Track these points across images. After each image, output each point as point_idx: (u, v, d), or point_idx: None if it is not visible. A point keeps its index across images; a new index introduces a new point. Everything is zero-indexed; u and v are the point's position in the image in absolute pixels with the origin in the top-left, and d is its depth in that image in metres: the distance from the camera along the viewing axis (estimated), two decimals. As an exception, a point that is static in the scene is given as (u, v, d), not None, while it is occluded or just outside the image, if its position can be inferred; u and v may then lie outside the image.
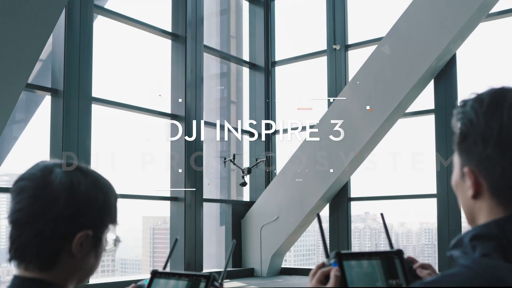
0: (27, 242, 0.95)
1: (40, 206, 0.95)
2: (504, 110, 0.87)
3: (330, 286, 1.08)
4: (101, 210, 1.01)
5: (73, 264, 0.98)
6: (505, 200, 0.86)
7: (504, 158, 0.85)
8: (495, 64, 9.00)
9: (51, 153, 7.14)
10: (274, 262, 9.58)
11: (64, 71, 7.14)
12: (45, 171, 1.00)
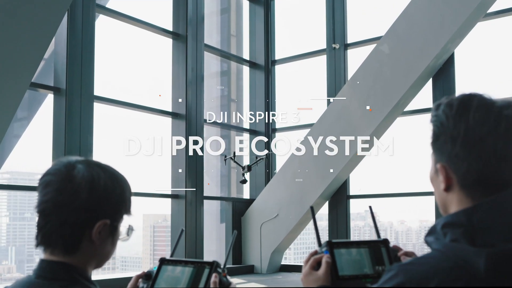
0: (52, 230, 1.08)
1: (64, 198, 1.06)
2: (470, 114, 0.98)
3: (322, 272, 1.19)
4: (118, 201, 1.12)
5: (92, 250, 1.09)
6: (471, 193, 0.98)
7: (470, 156, 0.97)
8: (493, 63, 9.08)
9: (54, 151, 7.21)
10: (274, 259, 9.66)
11: (67, 70, 7.21)
12: (68, 167, 1.10)
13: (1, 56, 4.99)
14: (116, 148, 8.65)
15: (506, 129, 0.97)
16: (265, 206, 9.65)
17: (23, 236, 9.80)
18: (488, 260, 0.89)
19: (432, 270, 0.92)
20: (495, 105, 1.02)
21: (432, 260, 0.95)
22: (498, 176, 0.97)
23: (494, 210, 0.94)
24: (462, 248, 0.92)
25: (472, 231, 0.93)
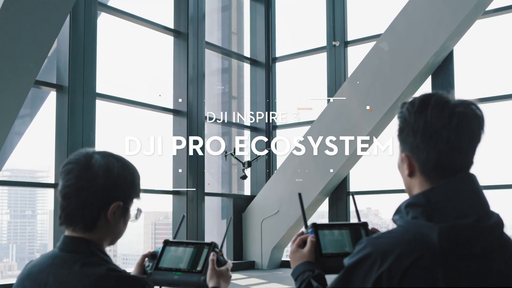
0: (74, 211, 1.23)
1: (84, 183, 1.22)
2: (428, 110, 1.13)
3: (307, 249, 1.37)
4: (129, 186, 1.28)
5: (108, 228, 1.26)
6: (430, 178, 1.15)
7: (428, 146, 1.13)
8: (491, 60, 9.15)
9: (56, 148, 7.29)
10: (274, 255, 9.74)
11: (69, 68, 7.29)
12: (87, 157, 1.26)
13: (6, 55, 5.07)
14: (117, 146, 8.75)
15: (458, 123, 1.13)
16: (266, 203, 9.72)
17: (24, 233, 9.87)
18: (440, 233, 1.07)
19: (395, 242, 1.10)
20: (450, 103, 1.15)
21: (396, 234, 1.12)
22: (452, 163, 1.15)
23: (448, 192, 1.12)
24: (421, 224, 1.09)
25: (429, 210, 1.10)
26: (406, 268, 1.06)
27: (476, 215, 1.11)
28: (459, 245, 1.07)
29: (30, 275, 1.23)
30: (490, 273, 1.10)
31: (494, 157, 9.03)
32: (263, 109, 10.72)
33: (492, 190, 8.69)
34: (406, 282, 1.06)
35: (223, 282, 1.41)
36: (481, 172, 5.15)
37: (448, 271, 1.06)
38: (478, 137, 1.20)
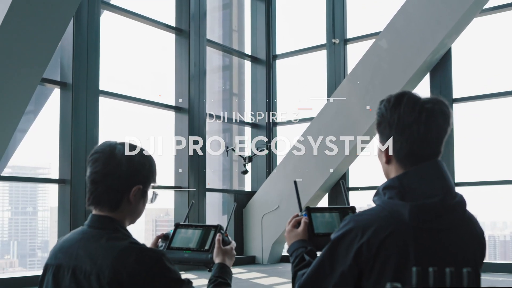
0: (100, 193, 1.44)
1: (109, 170, 1.44)
2: (401, 107, 1.35)
3: (301, 229, 1.56)
4: (147, 172, 1.49)
5: (129, 208, 1.47)
6: (403, 164, 1.37)
7: (401, 138, 1.35)
8: (489, 58, 9.24)
9: (60, 144, 7.39)
10: (274, 250, 9.85)
11: (73, 65, 7.39)
12: (111, 147, 1.47)
13: (13, 53, 5.17)
14: (120, 141, 8.86)
15: (427, 118, 1.34)
16: (266, 198, 9.81)
17: (25, 230, 9.86)
18: (411, 210, 1.28)
19: (373, 218, 1.30)
20: (420, 100, 1.36)
21: (374, 211, 1.33)
22: (421, 152, 1.35)
23: (418, 176, 1.32)
24: (395, 203, 1.30)
25: (402, 191, 1.31)
26: (382, 239, 1.25)
27: (442, 195, 1.31)
28: (426, 220, 1.27)
29: (62, 248, 1.41)
30: (453, 245, 1.28)
31: (492, 153, 9.14)
32: (263, 107, 10.82)
33: (486, 186, 8.81)
34: (382, 252, 1.25)
35: (228, 259, 1.58)
36: (479, 168, 5.31)
37: (417, 243, 1.24)
38: (445, 131, 1.39)
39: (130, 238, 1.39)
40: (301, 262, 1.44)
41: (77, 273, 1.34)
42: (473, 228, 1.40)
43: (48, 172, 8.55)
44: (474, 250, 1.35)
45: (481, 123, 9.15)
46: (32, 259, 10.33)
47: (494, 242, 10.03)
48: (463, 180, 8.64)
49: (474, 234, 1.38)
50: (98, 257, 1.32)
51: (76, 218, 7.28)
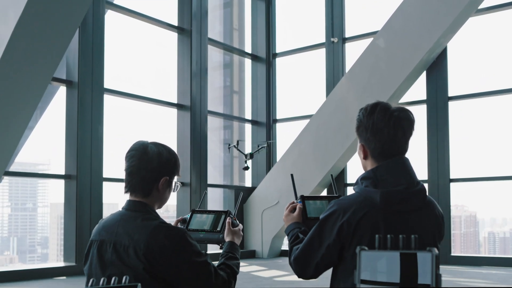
0: (135, 183, 1.75)
1: (143, 165, 1.74)
2: (375, 114, 1.61)
3: (296, 214, 1.86)
4: (173, 166, 1.78)
5: (158, 195, 1.77)
6: (377, 160, 1.69)
7: (375, 139, 1.62)
8: (484, 57, 9.40)
9: (66, 141, 7.57)
10: (274, 245, 10.04)
11: (79, 64, 7.56)
12: (144, 146, 1.77)
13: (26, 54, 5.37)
14: (122, 139, 9.03)
15: (394, 123, 1.65)
16: (266, 194, 9.96)
17: (25, 226, 9.97)
18: (381, 196, 1.59)
19: (352, 202, 1.63)
20: (390, 109, 1.67)
21: (353, 196, 1.66)
22: (391, 150, 1.67)
23: (388, 169, 1.65)
24: (369, 190, 1.62)
25: (375, 181, 1.63)
26: (359, 219, 1.59)
27: (406, 184, 1.62)
28: (393, 204, 1.59)
29: (104, 227, 1.70)
30: (416, 224, 1.60)
31: (487, 150, 9.32)
32: (263, 103, 10.99)
33: (481, 182, 8.99)
34: (359, 228, 1.59)
35: (236, 238, 1.90)
36: (475, 165, 5.56)
37: (386, 222, 1.55)
38: (409, 133, 1.70)
39: (159, 219, 1.70)
40: (296, 240, 1.76)
41: (117, 247, 1.64)
42: (433, 210, 1.70)
43: (48, 168, 8.64)
44: (433, 228, 1.67)
45: (477, 120, 9.31)
46: (32, 255, 10.29)
47: (493, 239, 10.11)
48: (458, 176, 8.83)
49: (434, 215, 1.69)
50: (134, 233, 1.63)
51: (82, 213, 7.48)
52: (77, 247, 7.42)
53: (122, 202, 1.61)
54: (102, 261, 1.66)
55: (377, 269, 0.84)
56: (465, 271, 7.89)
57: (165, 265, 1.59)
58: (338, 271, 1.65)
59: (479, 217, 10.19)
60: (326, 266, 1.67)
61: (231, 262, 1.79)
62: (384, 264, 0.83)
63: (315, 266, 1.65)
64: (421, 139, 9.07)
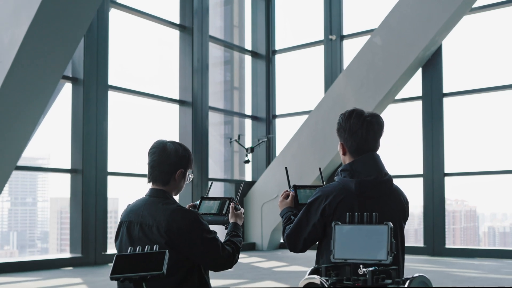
0: (156, 175, 2.08)
1: (162, 159, 2.07)
2: (351, 119, 1.93)
3: (289, 200, 2.21)
4: (187, 161, 2.08)
5: (175, 184, 2.07)
6: (353, 155, 2.04)
7: (351, 139, 1.94)
8: (478, 54, 9.58)
9: (72, 136, 7.80)
10: (274, 237, 10.28)
11: (84, 61, 7.78)
12: (163, 143, 2.06)
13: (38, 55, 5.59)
14: (126, 134, 9.24)
15: (367, 127, 1.99)
16: (266, 188, 10.15)
17: (25, 221, 10.03)
18: (356, 184, 1.94)
19: (333, 189, 1.98)
20: (363, 115, 1.97)
21: (334, 184, 2.02)
22: (364, 148, 2.01)
23: (361, 163, 1.95)
24: (347, 180, 1.99)
25: (352, 172, 2.00)
26: (338, 202, 1.94)
27: (376, 175, 1.98)
28: (365, 191, 1.93)
29: (132, 210, 2.05)
30: (385, 207, 1.95)
31: (481, 145, 9.53)
32: (263, 99, 11.19)
33: (475, 176, 9.20)
34: (338, 210, 1.91)
35: (239, 220, 2.24)
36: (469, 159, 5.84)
37: (360, 205, 1.90)
38: (379, 134, 2.02)
39: (177, 203, 2.06)
40: (288, 221, 2.13)
41: (143, 226, 2.00)
42: (399, 196, 2.05)
43: (47, 163, 8.77)
44: (399, 211, 2.03)
45: (471, 116, 9.50)
46: (32, 250, 10.39)
47: (493, 233, 10.18)
48: (453, 171, 9.05)
49: (399, 200, 2.05)
50: (157, 215, 1.98)
51: (88, 205, 7.72)
52: (83, 238, 7.66)
53: (122, 196, 1.93)
54: (131, 237, 2.01)
55: (348, 239, 1.09)
56: (458, 262, 8.14)
57: (182, 240, 1.95)
58: (322, 245, 2.02)
59: (479, 212, 10.27)
60: (312, 241, 2.02)
61: (235, 239, 2.15)
62: (353, 235, 1.08)
63: (303, 241, 2.01)
64: (416, 135, 9.29)
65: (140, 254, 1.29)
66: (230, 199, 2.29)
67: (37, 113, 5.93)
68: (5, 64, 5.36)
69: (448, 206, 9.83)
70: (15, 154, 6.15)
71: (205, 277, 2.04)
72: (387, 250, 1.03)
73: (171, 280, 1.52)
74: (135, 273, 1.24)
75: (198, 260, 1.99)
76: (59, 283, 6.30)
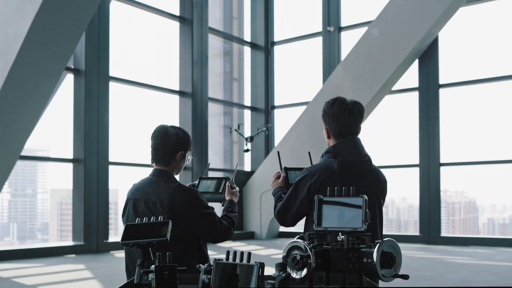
0: (159, 156, 2.26)
1: (164, 142, 2.22)
2: (334, 106, 2.13)
3: (280, 180, 2.41)
4: (186, 143, 2.26)
5: (176, 165, 2.25)
6: (336, 139, 2.21)
7: (334, 124, 2.14)
8: (474, 46, 9.69)
9: (74, 126, 7.93)
10: (272, 226, 10.44)
11: (85, 53, 7.90)
12: (165, 128, 2.23)
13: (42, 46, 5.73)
14: (127, 124, 9.38)
15: (349, 113, 2.15)
16: (265, 177, 10.27)
17: (25, 212, 9.94)
18: (338, 164, 2.16)
19: (318, 168, 2.20)
20: (346, 102, 2.16)
21: (319, 164, 2.23)
22: (346, 132, 2.17)
23: (344, 145, 2.15)
24: (330, 160, 2.22)
25: (335, 153, 2.16)
26: (322, 180, 2.15)
27: (356, 156, 2.18)
28: (347, 170, 2.14)
29: (137, 189, 2.23)
30: (365, 185, 2.14)
31: (477, 135, 9.66)
32: (262, 90, 11.32)
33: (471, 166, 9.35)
34: (322, 187, 2.10)
35: (234, 197, 2.41)
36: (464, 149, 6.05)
37: (342, 182, 2.06)
38: (360, 120, 2.22)
39: (178, 182, 2.26)
40: (279, 198, 2.34)
41: (148, 203, 2.19)
42: (377, 176, 2.25)
43: (47, 154, 8.87)
44: (377, 188, 2.23)
45: (467, 107, 9.62)
46: (32, 241, 10.39)
47: (493, 225, 10.19)
48: (448, 161, 9.20)
49: (378, 179, 2.25)
50: (160, 192, 2.17)
51: (90, 193, 7.88)
52: (85, 226, 7.83)
53: (122, 187, 2.10)
54: (136, 213, 2.20)
55: (329, 210, 1.24)
56: (452, 250, 8.31)
57: (183, 215, 2.14)
58: (309, 219, 2.23)
59: (478, 203, 10.32)
60: (300, 215, 2.23)
61: (231, 214, 2.34)
62: (333, 206, 1.23)
63: (292, 216, 2.22)
64: (413, 125, 9.43)
65: (147, 223, 1.47)
66: (226, 179, 2.46)
67: (41, 104, 6.08)
68: (10, 56, 5.50)
69: (448, 197, 9.96)
70: (19, 144, 6.31)
71: (203, 248, 2.23)
72: (362, 219, 1.18)
73: (173, 251, 1.67)
74: (142, 239, 1.41)
75: (197, 233, 2.17)
76: (63, 269, 6.48)
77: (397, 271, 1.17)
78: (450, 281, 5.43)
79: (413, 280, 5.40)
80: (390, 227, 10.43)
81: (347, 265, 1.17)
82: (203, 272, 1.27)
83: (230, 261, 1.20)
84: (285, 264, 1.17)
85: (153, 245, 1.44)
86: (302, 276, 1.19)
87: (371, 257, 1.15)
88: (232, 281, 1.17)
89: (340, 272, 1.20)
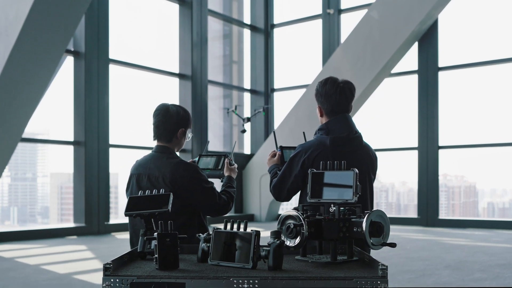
0: (161, 133, 2.34)
1: (166, 119, 2.31)
2: (327, 85, 2.20)
3: (276, 158, 2.49)
4: (187, 121, 2.33)
5: (177, 141, 2.33)
6: (328, 116, 2.31)
7: (326, 102, 2.22)
8: (474, 28, 9.68)
9: (75, 108, 7.97)
10: (272, 209, 10.54)
11: (85, 35, 7.91)
12: (166, 106, 2.31)
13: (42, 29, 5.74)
14: (127, 107, 9.41)
15: (340, 91, 2.25)
16: (264, 160, 10.19)
17: (25, 196, 9.98)
18: (330, 140, 2.23)
19: (311, 145, 2.27)
20: (337, 81, 2.24)
21: (312, 141, 2.31)
22: (337, 109, 2.29)
23: (335, 122, 2.23)
24: (323, 137, 2.28)
25: (327, 130, 2.24)
26: (315, 156, 2.23)
27: (347, 132, 2.26)
28: (339, 145, 2.22)
29: (140, 165, 2.31)
30: (356, 160, 2.20)
31: (476, 118, 9.70)
32: (262, 73, 11.33)
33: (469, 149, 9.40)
34: (315, 162, 2.17)
35: (233, 173, 2.51)
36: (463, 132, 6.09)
37: (334, 157, 2.12)
38: (351, 98, 2.31)
39: (179, 158, 2.35)
40: (274, 175, 2.43)
41: (150, 177, 2.28)
42: (368, 152, 2.34)
43: (46, 138, 8.90)
44: (367, 163, 2.32)
45: (466, 90, 9.64)
46: (32, 224, 10.41)
47: (493, 209, 10.25)
48: (447, 144, 9.25)
49: (369, 155, 2.34)
50: (162, 167, 2.27)
51: (91, 175, 7.94)
52: (86, 207, 7.90)
53: (121, 171, 2.11)
54: (139, 187, 2.28)
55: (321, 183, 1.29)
56: (450, 232, 8.40)
57: (184, 189, 2.22)
58: (303, 193, 2.31)
59: (478, 188, 10.36)
60: (295, 190, 2.32)
61: (230, 189, 2.43)
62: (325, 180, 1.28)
63: (287, 191, 2.32)
64: (412, 108, 9.46)
65: (149, 196, 1.53)
66: (225, 156, 2.54)
67: (42, 86, 6.11)
68: (10, 38, 5.52)
69: (448, 181, 10.02)
70: (19, 126, 6.36)
71: (203, 221, 2.32)
72: (353, 191, 1.23)
73: (174, 224, 1.74)
74: (145, 210, 1.47)
75: (197, 206, 2.26)
76: (65, 250, 6.56)
77: (385, 239, 1.23)
78: (445, 261, 5.51)
79: (410, 261, 5.48)
80: (390, 210, 10.51)
81: (338, 234, 1.23)
82: (202, 240, 1.33)
83: (228, 229, 1.26)
84: (280, 232, 1.23)
85: (155, 216, 1.50)
86: (295, 244, 1.25)
87: (360, 226, 1.21)
88: (230, 248, 1.23)
89: (332, 241, 1.25)
